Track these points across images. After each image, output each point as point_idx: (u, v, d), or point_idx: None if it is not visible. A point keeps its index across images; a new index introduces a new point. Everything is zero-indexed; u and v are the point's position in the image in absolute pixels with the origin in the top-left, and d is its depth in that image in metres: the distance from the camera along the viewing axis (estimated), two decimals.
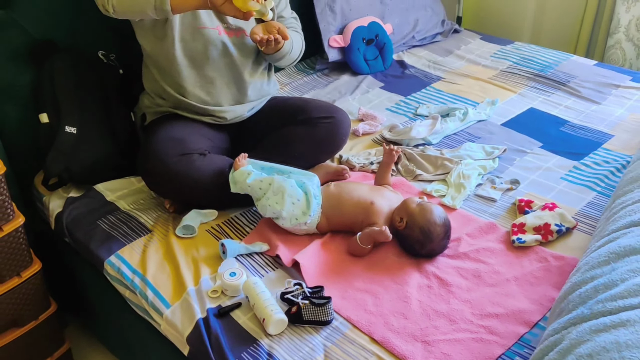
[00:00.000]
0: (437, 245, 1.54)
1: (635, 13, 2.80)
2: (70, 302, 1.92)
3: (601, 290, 1.11)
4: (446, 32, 2.88)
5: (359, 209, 1.61)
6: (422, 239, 1.52)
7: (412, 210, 1.55)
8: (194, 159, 1.66)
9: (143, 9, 1.58)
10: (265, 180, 1.59)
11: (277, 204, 1.57)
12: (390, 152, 1.74)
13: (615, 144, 2.00)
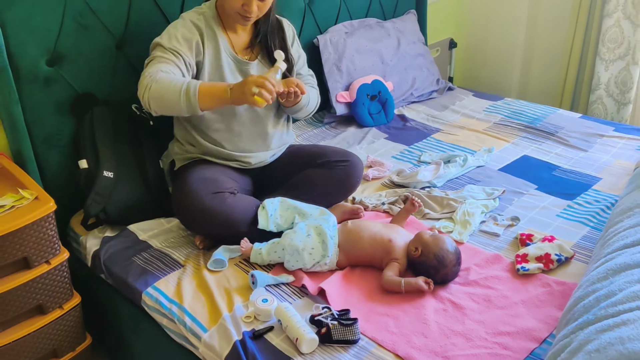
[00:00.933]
0: (450, 270, 1.69)
1: (614, 71, 3.08)
2: (101, 339, 2.01)
3: (602, 299, 1.27)
4: (441, 90, 3.12)
5: (377, 245, 1.75)
6: (437, 264, 1.67)
7: (426, 240, 1.71)
8: (226, 197, 1.82)
9: (178, 113, 1.78)
10: (278, 246, 1.75)
11: (297, 262, 1.73)
12: (413, 203, 1.91)
13: (603, 186, 2.19)
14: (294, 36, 2.09)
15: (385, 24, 2.95)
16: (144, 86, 1.74)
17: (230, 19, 1.91)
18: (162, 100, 1.73)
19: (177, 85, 1.72)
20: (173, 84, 1.72)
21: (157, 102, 1.75)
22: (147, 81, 1.74)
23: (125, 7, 2.03)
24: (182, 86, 1.71)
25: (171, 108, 1.76)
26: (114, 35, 2.03)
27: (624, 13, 2.96)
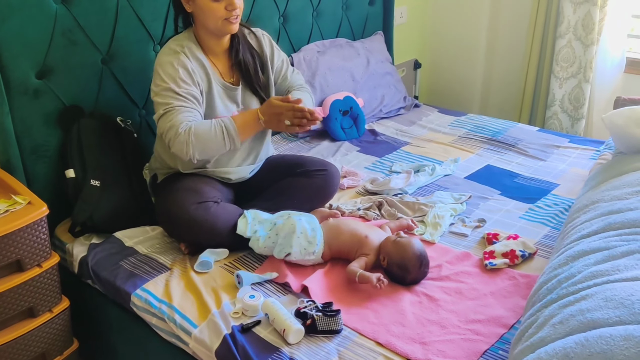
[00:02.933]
0: (417, 274, 1.79)
1: (567, 89, 3.30)
2: (86, 345, 2.05)
3: (564, 281, 1.40)
4: (408, 107, 3.28)
5: (355, 238, 1.86)
6: (401, 272, 1.78)
7: (389, 250, 1.81)
8: (210, 206, 1.90)
9: (220, 152, 1.91)
10: (272, 232, 1.85)
11: (288, 246, 1.82)
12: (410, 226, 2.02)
13: (561, 191, 2.36)
14: (271, 44, 2.16)
15: (354, 44, 3.11)
16: (184, 143, 1.81)
17: (213, 37, 1.97)
18: (207, 149, 1.86)
19: (217, 131, 1.85)
20: (212, 131, 1.84)
21: (202, 153, 1.86)
22: (184, 138, 1.80)
23: (111, 24, 2.12)
24: (223, 130, 1.85)
25: (216, 152, 1.91)
26: (101, 51, 2.12)
27: (574, 34, 3.19)
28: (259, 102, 2.08)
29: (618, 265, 1.35)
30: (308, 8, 2.89)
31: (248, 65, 2.06)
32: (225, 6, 1.87)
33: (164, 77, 1.87)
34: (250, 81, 2.07)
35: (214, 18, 1.89)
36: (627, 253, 1.40)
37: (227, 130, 1.85)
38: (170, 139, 1.83)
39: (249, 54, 2.07)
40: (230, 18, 1.90)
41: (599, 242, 1.50)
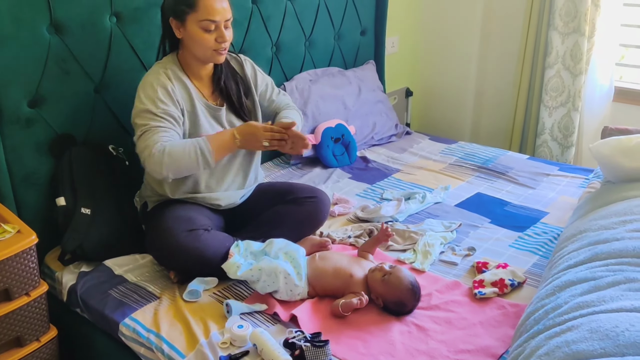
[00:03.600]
0: (413, 304, 1.81)
1: (557, 117, 3.34)
2: None
3: (550, 311, 1.41)
4: (400, 134, 3.31)
5: (339, 279, 1.85)
6: (399, 308, 1.79)
7: (381, 291, 1.79)
8: (200, 234, 1.91)
9: (194, 171, 1.92)
10: (255, 267, 1.82)
11: (273, 283, 1.81)
12: (386, 232, 1.98)
13: (550, 219, 2.38)
14: (253, 68, 2.21)
15: (346, 73, 3.15)
16: (157, 163, 1.82)
17: (198, 63, 2.00)
18: (181, 169, 1.87)
19: (190, 151, 1.85)
20: (185, 151, 1.85)
21: (175, 172, 1.88)
22: (158, 158, 1.82)
23: (104, 53, 2.15)
24: (196, 151, 1.86)
25: (189, 171, 1.91)
26: (93, 80, 2.14)
27: (563, 64, 3.24)
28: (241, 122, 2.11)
29: (604, 296, 1.36)
30: (300, 38, 2.93)
31: (230, 91, 2.10)
32: (215, 38, 1.92)
33: (143, 98, 1.91)
34: (234, 107, 2.11)
35: (203, 48, 1.94)
36: (613, 284, 1.41)
37: (200, 150, 1.86)
38: (145, 159, 1.85)
39: (232, 80, 2.12)
40: (219, 49, 1.95)
41: (586, 272, 1.51)
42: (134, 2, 2.19)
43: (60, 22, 2.01)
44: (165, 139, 1.86)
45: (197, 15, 1.89)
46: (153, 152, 1.83)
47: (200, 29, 1.90)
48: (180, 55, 2.02)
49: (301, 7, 2.86)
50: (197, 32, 1.91)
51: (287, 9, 2.80)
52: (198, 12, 1.89)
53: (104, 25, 2.13)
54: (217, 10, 1.90)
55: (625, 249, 1.55)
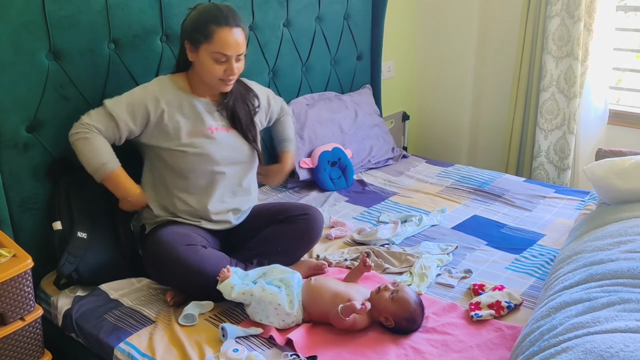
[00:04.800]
0: (421, 321, 1.82)
1: (552, 140, 3.36)
2: None
3: (545, 333, 1.40)
4: (396, 157, 3.33)
5: (337, 304, 1.82)
6: (410, 325, 1.79)
7: (393, 310, 1.78)
8: (199, 249, 1.92)
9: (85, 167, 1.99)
10: (247, 292, 1.81)
11: (262, 312, 1.81)
12: (366, 264, 1.97)
13: (547, 241, 2.38)
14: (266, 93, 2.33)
15: (343, 97, 3.18)
16: (75, 134, 1.95)
17: (205, 86, 2.06)
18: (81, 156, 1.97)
19: (96, 160, 1.96)
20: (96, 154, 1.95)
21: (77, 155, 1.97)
22: (82, 133, 1.95)
23: (102, 79, 2.18)
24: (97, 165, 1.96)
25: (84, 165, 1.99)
26: (92, 105, 2.15)
27: (557, 87, 3.27)
28: (246, 142, 2.16)
29: (598, 316, 1.36)
30: (297, 63, 2.97)
31: (239, 114, 2.14)
32: (225, 69, 1.98)
33: (120, 94, 2.02)
34: (241, 130, 2.14)
35: (210, 76, 2.00)
36: (608, 305, 1.41)
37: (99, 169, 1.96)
38: (73, 126, 1.98)
39: (242, 102, 2.16)
40: (226, 80, 2.02)
41: (581, 294, 1.51)
42: (133, 30, 2.22)
43: (59, 48, 2.04)
44: (100, 128, 1.96)
45: (211, 47, 1.95)
46: (84, 124, 1.96)
47: (211, 59, 1.96)
48: (190, 74, 2.08)
49: (298, 33, 2.90)
50: (208, 62, 1.97)
51: (284, 35, 2.84)
52: (212, 44, 1.94)
53: (103, 52, 2.16)
54: (230, 45, 1.95)
55: (620, 270, 1.55)
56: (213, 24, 1.94)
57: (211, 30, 1.94)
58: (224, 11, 1.97)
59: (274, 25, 2.76)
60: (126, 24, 2.19)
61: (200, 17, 1.98)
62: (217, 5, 2.02)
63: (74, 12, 2.04)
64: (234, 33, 1.96)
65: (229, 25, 1.95)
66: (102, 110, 1.99)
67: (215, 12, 1.97)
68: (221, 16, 1.95)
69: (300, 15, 2.89)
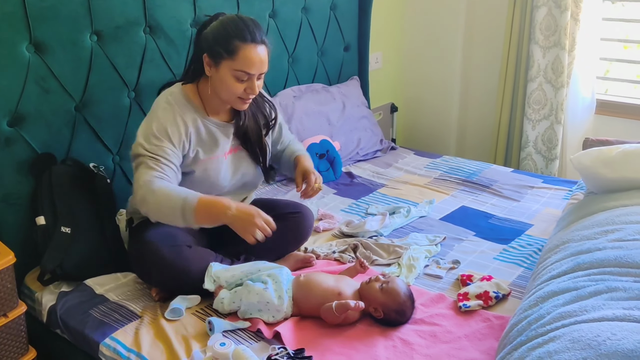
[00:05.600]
0: (411, 313, 1.81)
1: (540, 130, 3.36)
2: None
3: (533, 322, 1.40)
4: (385, 149, 3.31)
5: (327, 300, 1.81)
6: (399, 317, 1.79)
7: (382, 300, 1.77)
8: (183, 249, 1.89)
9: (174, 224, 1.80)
10: (236, 296, 1.80)
11: (254, 310, 1.79)
12: (362, 265, 1.95)
13: (535, 231, 2.38)
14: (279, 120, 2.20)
15: (330, 89, 3.16)
16: (141, 197, 1.76)
17: (219, 101, 1.95)
18: (160, 214, 1.78)
19: (175, 202, 1.73)
20: (171, 199, 1.73)
21: (155, 215, 1.80)
22: (143, 192, 1.75)
23: (85, 72, 2.14)
24: (179, 204, 1.73)
25: (170, 223, 1.80)
26: (74, 98, 2.13)
27: (545, 78, 3.27)
28: (253, 162, 2.09)
29: (586, 305, 1.35)
30: (283, 55, 2.95)
31: (250, 133, 2.05)
32: (245, 88, 1.88)
33: (140, 131, 1.87)
34: (250, 149, 2.08)
35: (229, 93, 1.89)
36: (595, 293, 1.41)
37: (183, 207, 1.74)
38: (134, 191, 1.81)
39: (254, 120, 2.06)
40: (245, 99, 1.92)
41: (568, 283, 1.51)
42: (115, 21, 2.19)
43: (40, 40, 2.00)
44: (157, 175, 1.79)
45: (233, 64, 1.83)
46: (140, 183, 1.77)
47: (233, 77, 1.85)
48: (202, 86, 1.96)
49: (283, 24, 2.88)
50: (229, 79, 1.86)
51: (270, 26, 2.81)
52: (235, 61, 1.83)
53: (85, 43, 2.13)
54: (255, 64, 1.84)
55: (607, 259, 1.55)
56: (238, 39, 1.82)
57: (236, 47, 1.81)
58: (250, 26, 1.85)
59: (259, 16, 2.73)
60: (108, 15, 2.16)
61: (224, 30, 1.84)
62: (243, 18, 1.88)
63: (54, 3, 2.00)
64: (259, 50, 1.84)
65: (255, 42, 1.83)
66: (143, 160, 1.82)
67: (241, 27, 1.83)
68: (247, 31, 1.82)
69: (286, 6, 2.86)
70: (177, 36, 2.40)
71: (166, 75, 2.40)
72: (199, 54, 1.91)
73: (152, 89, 2.36)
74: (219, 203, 1.76)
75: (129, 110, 2.31)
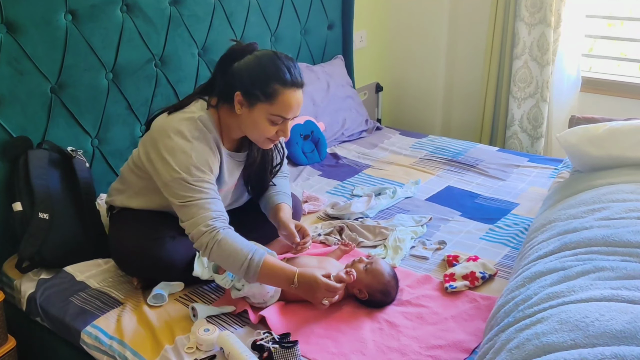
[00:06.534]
0: (395, 293, 1.80)
1: (526, 109, 3.34)
2: None
3: (520, 303, 1.38)
4: (370, 130, 3.28)
5: None
6: (384, 298, 1.77)
7: (366, 281, 1.75)
8: (166, 242, 1.82)
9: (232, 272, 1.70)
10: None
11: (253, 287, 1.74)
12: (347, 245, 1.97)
13: (521, 210, 2.37)
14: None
15: (314, 68, 3.11)
16: (203, 245, 1.66)
17: (238, 134, 1.83)
18: (222, 263, 1.69)
19: (241, 257, 1.65)
20: (237, 252, 1.65)
21: (217, 261, 1.70)
22: (207, 241, 1.65)
23: (60, 52, 2.07)
24: (245, 261, 1.65)
25: (228, 269, 1.71)
26: (49, 80, 2.07)
27: (530, 55, 3.24)
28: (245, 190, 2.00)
29: (573, 286, 1.34)
30: (266, 33, 2.88)
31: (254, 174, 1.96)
32: (277, 130, 1.76)
33: (174, 164, 1.68)
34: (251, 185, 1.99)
35: (259, 133, 1.77)
36: (582, 273, 1.39)
37: (249, 266, 1.65)
38: (193, 235, 1.68)
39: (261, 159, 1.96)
40: (275, 140, 1.81)
41: (555, 263, 1.49)
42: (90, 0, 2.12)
43: (12, 20, 1.93)
44: (215, 214, 1.68)
45: (271, 108, 1.70)
46: (203, 230, 1.65)
47: (267, 120, 1.72)
48: (223, 114, 1.79)
49: (265, 1, 2.81)
50: (262, 121, 1.73)
51: (251, 4, 2.75)
52: (273, 106, 1.70)
53: (59, 23, 2.06)
54: (293, 109, 1.73)
55: (594, 238, 1.54)
56: (278, 83, 1.68)
57: (275, 91, 1.68)
58: (289, 67, 1.70)
59: None
60: None
61: (261, 70, 1.70)
62: (280, 56, 1.73)
63: None
64: (298, 95, 1.72)
65: (295, 87, 1.71)
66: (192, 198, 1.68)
67: (280, 67, 1.69)
68: (287, 74, 1.69)
69: None
70: (155, 15, 2.34)
71: (145, 56, 2.34)
72: (226, 85, 1.75)
73: (130, 69, 2.31)
74: (285, 270, 1.69)
75: (107, 91, 2.25)
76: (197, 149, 1.72)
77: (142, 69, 2.35)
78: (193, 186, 1.69)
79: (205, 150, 1.73)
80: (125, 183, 1.95)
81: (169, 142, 1.71)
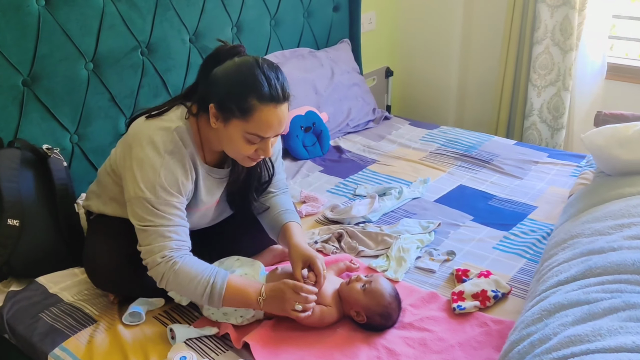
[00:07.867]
0: (397, 315, 1.62)
1: (546, 97, 3.11)
2: None
3: (537, 345, 1.19)
4: (377, 119, 3.07)
5: None
6: (385, 321, 1.59)
7: (364, 303, 1.58)
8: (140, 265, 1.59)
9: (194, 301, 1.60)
10: None
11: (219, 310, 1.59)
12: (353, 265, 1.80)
13: (539, 215, 2.16)
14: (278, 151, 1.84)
15: (318, 54, 2.89)
16: (159, 274, 1.50)
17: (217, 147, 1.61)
18: (182, 292, 1.57)
19: (200, 286, 1.49)
20: (196, 280, 1.49)
21: (175, 290, 1.57)
22: (162, 271, 1.49)
23: (32, 41, 1.89)
24: (206, 289, 1.49)
25: (190, 298, 1.60)
26: (21, 72, 1.89)
27: (552, 40, 3.00)
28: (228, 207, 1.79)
29: (600, 328, 1.14)
30: (265, 16, 2.67)
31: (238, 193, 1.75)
32: (257, 149, 1.54)
33: (140, 181, 1.50)
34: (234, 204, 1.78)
35: (236, 151, 1.56)
36: (610, 310, 1.19)
37: (211, 292, 1.50)
38: (148, 263, 1.52)
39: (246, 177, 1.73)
40: (255, 159, 1.59)
41: (578, 293, 1.30)
42: None
43: None
44: (176, 245, 1.51)
45: (247, 126, 1.48)
46: (159, 261, 1.49)
47: (243, 139, 1.50)
48: (202, 124, 1.58)
49: None
50: (238, 139, 1.50)
51: None
52: (249, 123, 1.47)
53: (30, 9, 1.87)
54: (272, 127, 1.49)
55: (624, 263, 1.34)
56: (256, 98, 1.44)
57: (252, 107, 1.45)
58: (270, 79, 1.45)
59: None
60: None
61: (238, 81, 1.47)
62: (261, 65, 1.47)
63: None
64: (279, 112, 1.48)
65: (275, 102, 1.46)
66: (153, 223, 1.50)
67: (260, 80, 1.44)
68: (265, 87, 1.44)
69: None
70: None
71: (129, 43, 2.15)
72: (206, 92, 1.53)
73: (113, 58, 2.12)
74: (249, 288, 1.53)
75: (87, 83, 2.07)
76: (168, 166, 1.51)
77: (126, 58, 2.16)
78: (156, 210, 1.50)
79: (176, 168, 1.53)
80: (101, 186, 1.78)
81: (140, 152, 1.51)
